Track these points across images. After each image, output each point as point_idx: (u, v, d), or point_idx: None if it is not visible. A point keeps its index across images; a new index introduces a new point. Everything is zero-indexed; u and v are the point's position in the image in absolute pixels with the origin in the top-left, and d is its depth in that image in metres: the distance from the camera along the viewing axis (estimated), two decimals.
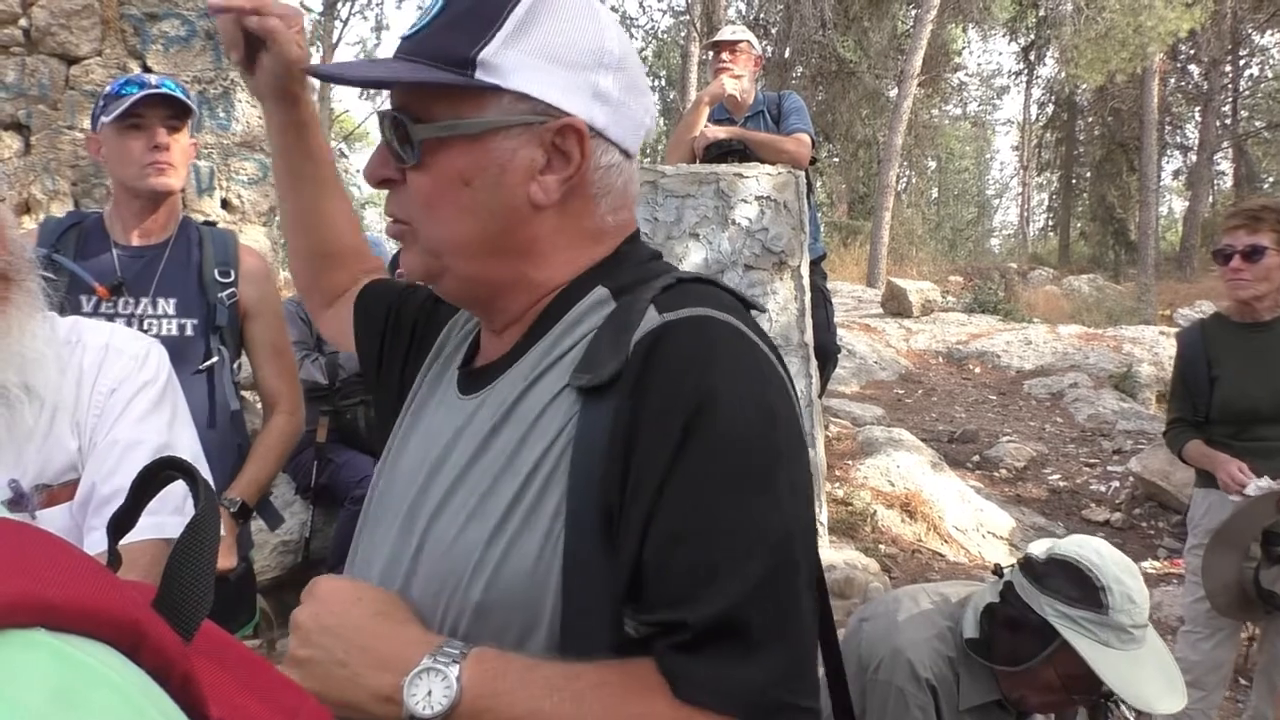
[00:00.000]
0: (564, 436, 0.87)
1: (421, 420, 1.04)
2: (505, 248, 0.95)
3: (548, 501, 0.86)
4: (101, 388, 1.46)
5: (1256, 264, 3.10)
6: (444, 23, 0.91)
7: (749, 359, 0.87)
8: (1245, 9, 21.82)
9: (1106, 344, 10.12)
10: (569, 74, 0.91)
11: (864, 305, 13.52)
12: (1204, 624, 3.23)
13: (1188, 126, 26.94)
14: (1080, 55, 17.50)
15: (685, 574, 0.81)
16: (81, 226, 2.42)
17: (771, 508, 0.83)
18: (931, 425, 7.92)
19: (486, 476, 0.90)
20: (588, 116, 0.92)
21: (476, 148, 0.91)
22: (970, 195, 38.27)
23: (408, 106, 0.92)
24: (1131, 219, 24.27)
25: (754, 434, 0.83)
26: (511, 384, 0.94)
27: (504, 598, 0.85)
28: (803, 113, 4.81)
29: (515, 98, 0.90)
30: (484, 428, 0.93)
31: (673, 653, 0.81)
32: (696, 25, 17.80)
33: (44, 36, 4.24)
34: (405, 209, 0.96)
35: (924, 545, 5.35)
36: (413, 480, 0.98)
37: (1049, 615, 1.84)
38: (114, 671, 0.39)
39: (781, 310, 4.68)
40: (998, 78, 35.13)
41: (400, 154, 0.93)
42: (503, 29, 0.90)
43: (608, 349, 0.88)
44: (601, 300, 0.94)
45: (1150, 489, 6.26)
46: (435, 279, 0.99)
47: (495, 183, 0.92)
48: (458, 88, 0.90)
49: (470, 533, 0.88)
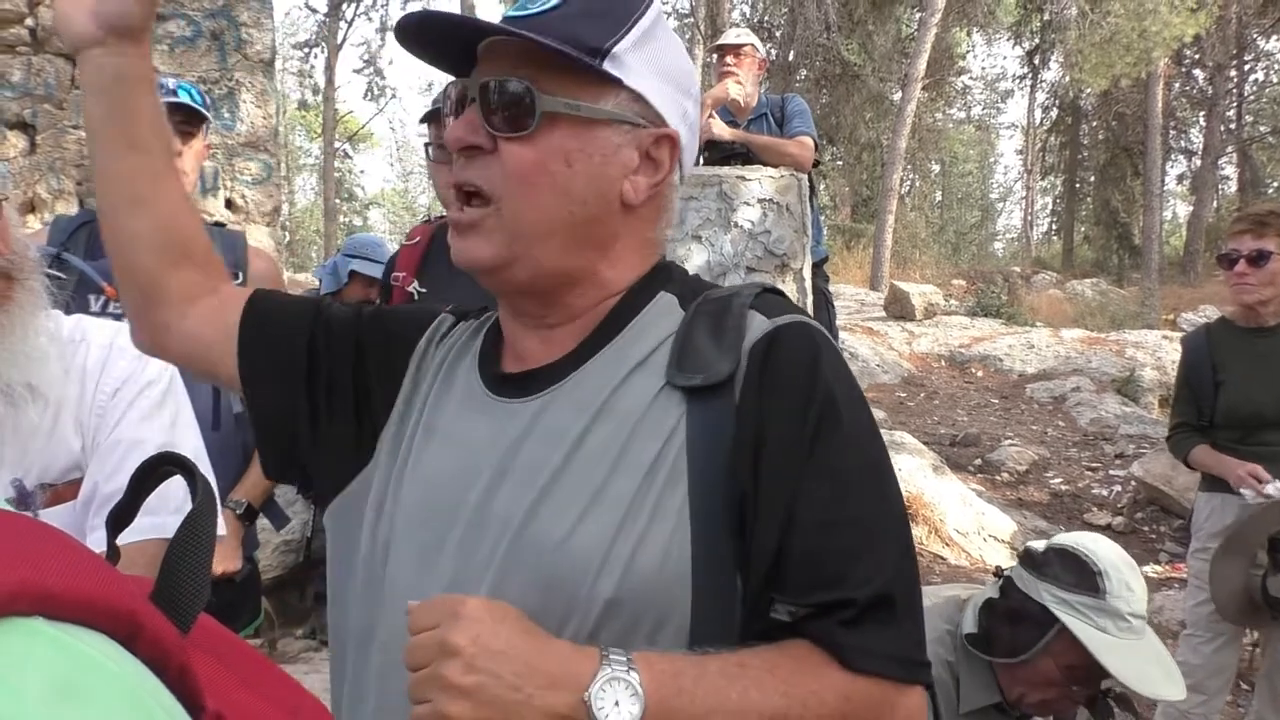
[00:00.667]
0: (678, 434, 0.90)
1: (440, 428, 1.01)
2: (588, 238, 0.97)
3: (672, 496, 0.88)
4: (105, 387, 1.46)
5: (1262, 269, 3.10)
6: (574, 11, 0.94)
7: (841, 359, 0.96)
8: (1250, 14, 21.79)
9: (1109, 348, 10.11)
10: (673, 90, 0.98)
11: (867, 308, 13.51)
12: (1206, 628, 3.23)
13: (1192, 131, 26.92)
14: (1085, 60, 17.50)
15: (841, 557, 0.87)
16: (92, 225, 2.43)
17: (896, 493, 0.93)
18: (933, 428, 7.92)
19: (594, 474, 0.90)
20: (679, 132, 0.98)
21: (586, 133, 0.94)
22: (974, 199, 38.25)
23: (529, 77, 0.93)
24: (1135, 223, 24.24)
25: (870, 429, 0.94)
26: (593, 383, 0.95)
27: (637, 592, 0.86)
28: (806, 116, 4.82)
29: (631, 97, 0.95)
30: (571, 427, 0.92)
31: (839, 628, 0.86)
32: (701, 28, 17.83)
33: (50, 36, 4.25)
34: (489, 179, 0.94)
35: (925, 548, 5.35)
36: (465, 485, 0.95)
37: (1047, 601, 1.85)
38: (111, 660, 0.39)
39: None
40: (1002, 81, 35.19)
41: (509, 121, 0.93)
42: (633, 30, 0.95)
43: (712, 350, 0.92)
44: (670, 306, 0.99)
45: (1152, 493, 6.25)
46: (505, 268, 0.96)
47: (596, 171, 0.94)
48: (585, 70, 0.93)
49: (589, 529, 0.88)
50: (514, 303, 1.02)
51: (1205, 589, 3.19)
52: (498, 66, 0.95)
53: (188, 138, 2.35)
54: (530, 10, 0.94)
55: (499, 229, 0.95)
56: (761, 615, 0.88)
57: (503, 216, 0.94)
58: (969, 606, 2.03)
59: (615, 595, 0.86)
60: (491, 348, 1.05)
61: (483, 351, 1.05)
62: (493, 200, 0.95)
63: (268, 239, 4.44)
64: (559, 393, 0.96)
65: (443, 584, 0.92)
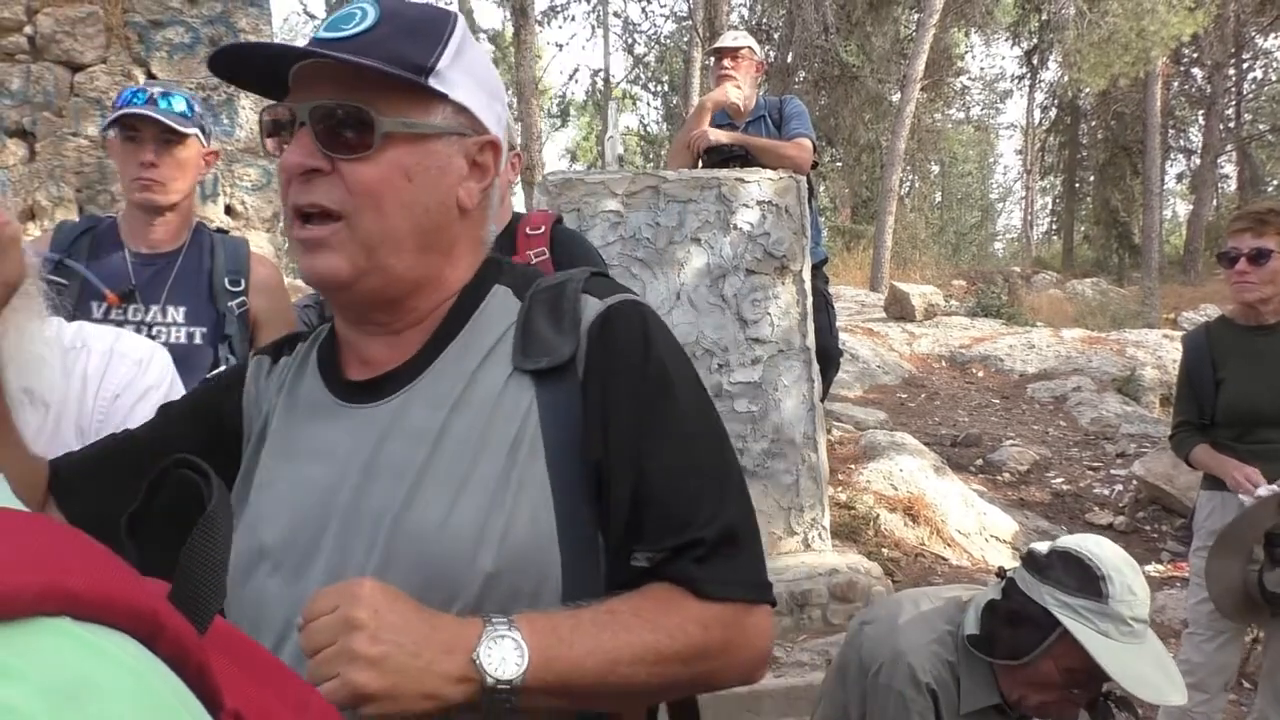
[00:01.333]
0: (532, 415, 0.99)
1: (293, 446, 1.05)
2: (434, 245, 1.03)
3: (534, 472, 0.97)
4: (105, 392, 1.47)
5: (1262, 267, 3.11)
6: (391, 32, 0.98)
7: (666, 328, 1.07)
8: (1248, 12, 21.79)
9: (1110, 348, 10.11)
10: (488, 98, 1.05)
11: (867, 309, 13.51)
12: (1207, 626, 3.23)
13: (1191, 130, 26.90)
14: (1083, 59, 17.49)
15: (687, 503, 0.98)
16: (95, 231, 2.44)
17: (724, 439, 1.06)
18: (934, 429, 7.92)
19: (459, 462, 0.97)
20: (499, 136, 1.05)
21: (421, 147, 1.00)
22: (974, 199, 38.21)
23: (361, 100, 0.97)
24: (1135, 223, 24.23)
25: (698, 386, 1.06)
26: (446, 378, 1.01)
27: (513, 562, 0.94)
28: (804, 117, 4.82)
29: (456, 109, 1.01)
30: (431, 422, 0.99)
31: (692, 566, 0.97)
32: (699, 31, 17.83)
33: (49, 44, 4.26)
34: (336, 199, 0.98)
35: (927, 549, 5.35)
36: (331, 491, 0.99)
37: (1049, 604, 1.85)
38: (136, 659, 0.40)
39: (783, 314, 4.69)
40: (1001, 82, 35.11)
41: (347, 144, 0.97)
42: (449, 46, 1.00)
43: (552, 335, 1.01)
44: (505, 297, 1.07)
45: (1154, 492, 6.25)
46: (359, 279, 1.00)
47: (434, 182, 1.00)
48: (413, 89, 0.98)
49: (463, 511, 0.95)
50: (363, 314, 1.06)
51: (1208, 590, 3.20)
52: (322, 90, 0.98)
53: (168, 147, 2.35)
54: (345, 32, 0.97)
55: (350, 242, 0.98)
56: (624, 567, 0.98)
57: (353, 231, 0.98)
58: (970, 607, 2.04)
59: (494, 568, 0.94)
60: (331, 359, 1.09)
61: (322, 365, 1.10)
62: (341, 217, 0.98)
63: (267, 245, 4.45)
64: (414, 392, 1.02)
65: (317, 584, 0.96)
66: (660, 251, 4.54)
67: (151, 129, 2.34)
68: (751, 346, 4.63)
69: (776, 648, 4.03)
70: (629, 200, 4.52)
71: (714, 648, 0.97)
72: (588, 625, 0.92)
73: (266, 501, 1.04)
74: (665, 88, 30.03)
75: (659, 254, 4.54)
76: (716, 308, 4.61)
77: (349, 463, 1.00)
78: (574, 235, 2.48)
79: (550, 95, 31.17)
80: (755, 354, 4.63)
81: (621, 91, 30.22)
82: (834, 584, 4.31)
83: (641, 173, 4.67)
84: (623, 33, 29.74)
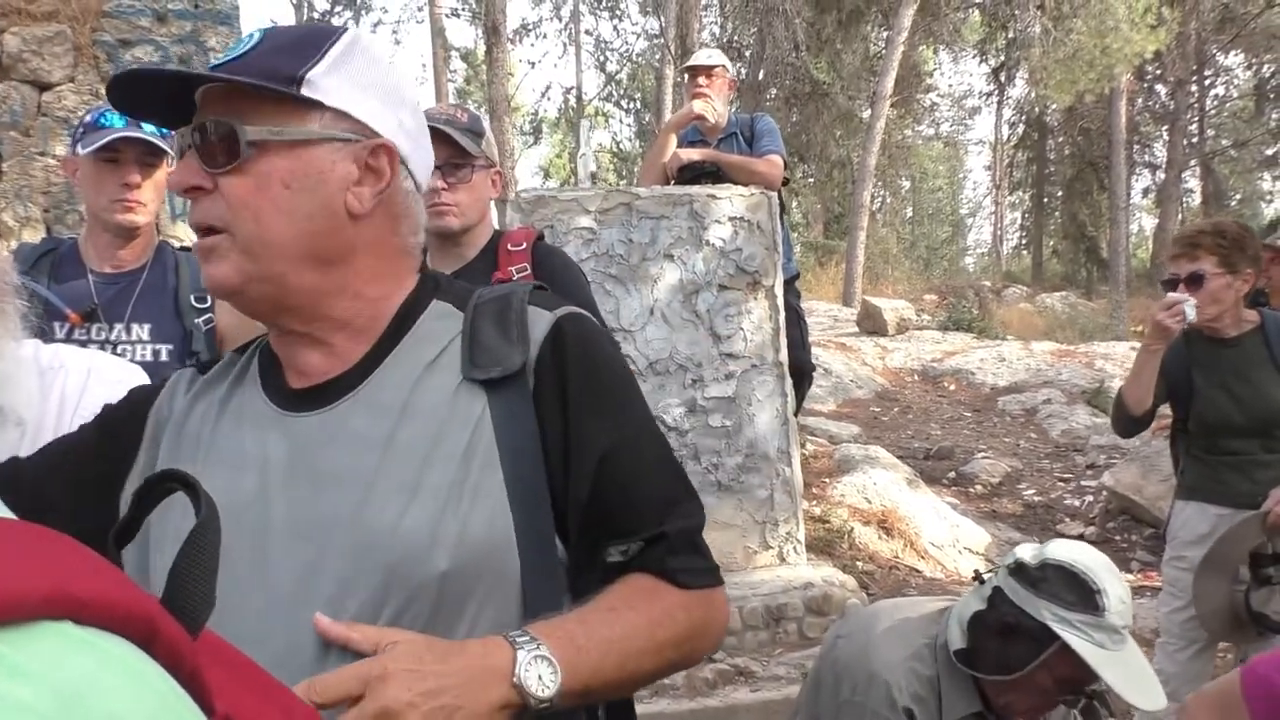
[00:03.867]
0: (485, 423, 1.02)
1: (228, 454, 1.04)
2: (324, 251, 1.03)
3: (491, 478, 1.00)
4: (84, 411, 1.47)
5: (1201, 289, 3.13)
6: (268, 49, 1.02)
7: (611, 339, 1.15)
8: (1209, 30, 22.18)
9: (1079, 360, 10.22)
10: (380, 104, 1.06)
11: (840, 324, 13.59)
12: (1180, 635, 3.25)
13: (1156, 145, 27.29)
14: (1049, 76, 17.75)
15: (652, 499, 1.07)
16: (57, 253, 2.42)
17: (665, 439, 1.13)
18: (907, 442, 7.97)
19: (410, 468, 0.99)
20: (395, 142, 1.06)
21: (297, 155, 1.01)
22: (944, 214, 38.56)
23: (232, 115, 1.00)
24: (1103, 237, 24.52)
25: (639, 393, 1.13)
26: (389, 387, 1.04)
27: (470, 563, 0.98)
28: (775, 135, 4.86)
29: (335, 116, 1.02)
30: (376, 429, 1.01)
31: (666, 556, 1.05)
32: (671, 49, 17.93)
33: (15, 63, 4.23)
34: (218, 215, 1.01)
35: (901, 561, 5.38)
36: (267, 500, 1.00)
37: (1046, 619, 1.86)
38: (136, 662, 0.42)
39: (756, 329, 4.71)
40: (969, 98, 35.46)
41: (221, 158, 0.99)
42: (326, 57, 1.03)
43: (501, 345, 1.05)
44: (446, 312, 1.10)
45: (1123, 503, 6.32)
46: (248, 285, 1.02)
47: (314, 188, 1.01)
48: (284, 99, 1.00)
49: (416, 516, 0.97)
50: (274, 321, 1.08)
51: (1179, 596, 3.22)
52: (208, 111, 1.02)
53: (150, 169, 2.35)
54: (232, 54, 1.02)
55: (234, 250, 1.01)
56: (593, 564, 1.05)
57: (235, 240, 1.01)
58: (951, 617, 2.03)
59: (450, 568, 0.97)
60: (270, 369, 1.11)
61: (262, 375, 1.11)
62: (226, 230, 1.01)
63: None
64: (356, 400, 1.04)
65: (274, 591, 0.97)
66: (633, 268, 4.56)
67: (134, 150, 2.33)
68: (725, 362, 4.65)
69: (753, 661, 4.04)
70: (602, 217, 4.53)
71: (696, 630, 1.07)
72: (597, 627, 0.98)
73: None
74: (637, 105, 30.15)
75: (632, 270, 4.56)
76: (690, 323, 4.63)
77: (290, 469, 1.01)
78: (556, 252, 2.48)
79: (523, 113, 31.22)
80: (729, 369, 4.65)
81: (594, 109, 30.33)
82: (809, 597, 4.32)
83: (614, 190, 4.69)
84: (595, 50, 29.92)
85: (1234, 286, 3.14)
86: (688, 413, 4.60)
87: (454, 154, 2.31)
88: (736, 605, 4.20)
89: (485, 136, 2.40)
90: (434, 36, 22.90)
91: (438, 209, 2.31)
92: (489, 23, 15.81)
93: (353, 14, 27.21)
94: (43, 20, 4.24)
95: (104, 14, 4.34)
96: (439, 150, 2.30)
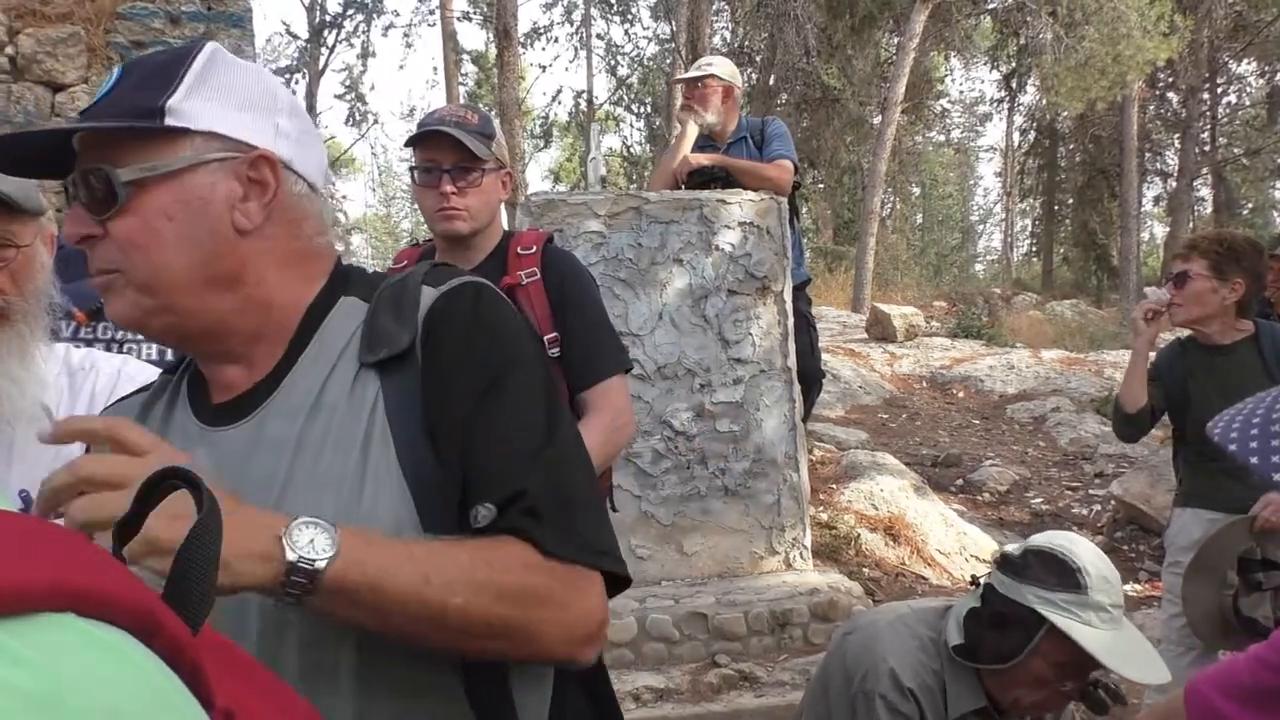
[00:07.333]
0: (379, 406, 1.01)
1: None
2: (218, 274, 1.03)
3: (386, 461, 0.99)
4: None
5: (1183, 289, 3.22)
6: (130, 85, 1.02)
7: (500, 302, 1.09)
8: (1221, 38, 22.11)
9: (1088, 368, 10.19)
10: (251, 115, 1.05)
11: (849, 330, 13.57)
12: (1178, 641, 3.27)
13: (1167, 153, 27.21)
14: (1060, 83, 17.70)
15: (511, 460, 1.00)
16: (63, 252, 2.43)
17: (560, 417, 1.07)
18: (915, 449, 7.95)
19: (318, 462, 1.00)
20: (275, 149, 1.05)
21: (175, 186, 1.00)
22: (954, 221, 38.49)
23: (105, 161, 1.00)
24: (1113, 245, 24.46)
25: (530, 357, 1.08)
26: (300, 388, 1.04)
27: None
28: (785, 139, 4.86)
29: (206, 138, 1.02)
30: (289, 432, 1.02)
31: (527, 519, 0.98)
32: (682, 53, 17.96)
33: (30, 64, 4.25)
34: (112, 258, 1.01)
35: (907, 568, 5.37)
36: None
37: (1032, 602, 1.89)
38: (137, 654, 0.43)
39: (765, 335, 4.71)
40: (980, 105, 35.49)
41: (103, 204, 0.99)
42: (184, 81, 1.01)
43: (393, 326, 1.04)
44: (352, 306, 1.09)
45: (1131, 512, 6.29)
46: (149, 319, 1.04)
47: (198, 215, 1.01)
48: (151, 134, 1.00)
49: (324, 510, 0.94)
50: (183, 347, 1.10)
51: (1177, 603, 3.24)
52: (85, 158, 1.02)
53: None
54: (99, 96, 1.03)
55: (128, 287, 1.02)
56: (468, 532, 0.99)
57: (128, 277, 1.01)
58: (950, 616, 2.06)
59: None
60: (196, 387, 1.12)
61: (190, 393, 1.12)
62: (120, 270, 1.01)
63: None
64: (271, 406, 1.05)
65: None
66: (642, 272, 4.56)
67: None
68: (733, 367, 4.65)
69: (757, 667, 4.03)
70: (611, 221, 4.54)
71: (536, 594, 0.96)
72: (406, 543, 0.94)
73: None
74: (648, 109, 30.18)
75: (641, 275, 4.56)
76: (698, 328, 4.64)
77: (215, 484, 1.00)
78: (566, 255, 2.47)
79: (533, 116, 31.28)
80: (737, 374, 4.65)
81: (604, 113, 30.36)
82: (815, 603, 4.31)
83: (624, 194, 4.70)
84: (605, 55, 29.98)
85: (1219, 292, 3.20)
86: (695, 417, 4.60)
87: (463, 158, 2.31)
88: (742, 610, 4.20)
89: (496, 138, 2.39)
90: (445, 40, 22.98)
91: (446, 213, 2.31)
92: (500, 26, 15.86)
93: (364, 17, 27.29)
94: (57, 22, 4.27)
95: (117, 16, 4.36)
96: (448, 154, 2.32)
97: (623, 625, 4.04)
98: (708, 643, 4.15)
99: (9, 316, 1.50)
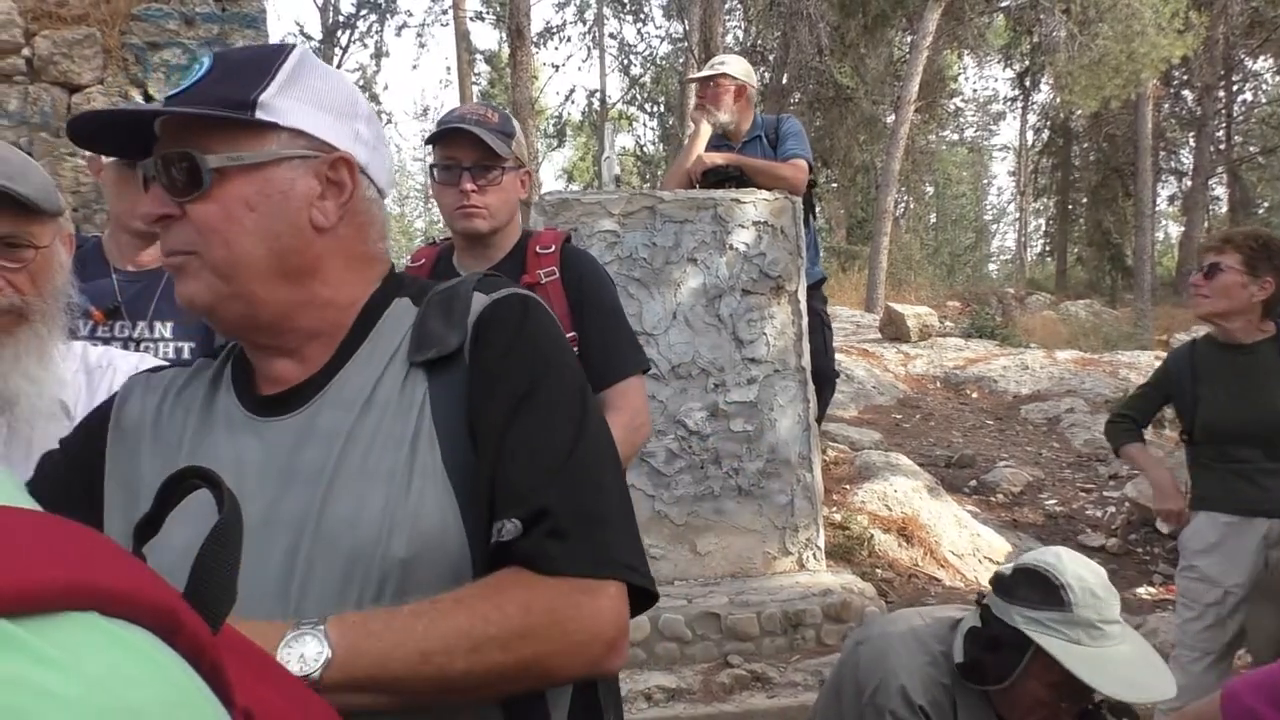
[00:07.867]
0: (426, 406, 1.04)
1: (204, 457, 1.06)
2: (294, 268, 1.06)
3: (432, 460, 1.01)
4: None
5: (1212, 280, 3.18)
6: (218, 77, 1.05)
7: (547, 316, 1.11)
8: (1237, 35, 21.97)
9: (1103, 369, 10.14)
10: (334, 118, 1.09)
11: (862, 330, 13.54)
12: (1193, 646, 3.24)
13: (1182, 152, 27.07)
14: (1075, 81, 17.61)
15: (537, 476, 0.99)
16: (81, 251, 2.44)
17: (599, 428, 1.07)
18: (929, 450, 7.92)
19: (365, 456, 1.02)
20: (353, 153, 1.09)
21: (259, 177, 1.04)
22: (968, 220, 38.33)
23: (192, 146, 1.02)
24: (1128, 244, 24.34)
25: (571, 371, 1.09)
26: (353, 384, 1.07)
27: (425, 549, 0.98)
28: (800, 137, 4.84)
29: (292, 135, 1.05)
30: (340, 425, 1.04)
31: (545, 540, 0.97)
32: (695, 52, 17.95)
33: (46, 65, 4.28)
34: (187, 240, 1.04)
35: (921, 570, 5.35)
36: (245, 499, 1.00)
37: (1019, 623, 1.87)
38: (159, 653, 0.43)
39: (779, 334, 4.70)
40: (994, 104, 35.35)
41: (186, 187, 1.02)
42: (276, 78, 1.05)
43: (443, 329, 1.07)
44: (405, 308, 1.12)
45: (1146, 514, 6.25)
46: (222, 304, 1.05)
47: (279, 207, 1.04)
48: (240, 125, 1.03)
49: (371, 505, 0.98)
50: (245, 337, 1.11)
51: (1192, 607, 3.22)
52: (167, 143, 1.04)
53: None
54: (183, 85, 1.05)
55: (204, 270, 1.04)
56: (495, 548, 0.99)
57: (205, 261, 1.04)
58: (958, 632, 2.04)
59: (407, 554, 0.97)
60: (242, 376, 1.14)
61: (235, 381, 1.14)
62: (195, 252, 1.04)
63: None
64: (323, 400, 1.07)
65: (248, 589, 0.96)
66: (657, 271, 4.56)
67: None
68: (747, 366, 4.65)
69: (770, 668, 4.03)
70: (625, 220, 4.54)
71: (536, 629, 0.94)
72: (404, 617, 0.92)
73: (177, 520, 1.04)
74: (661, 108, 30.18)
75: (655, 274, 4.56)
76: (712, 327, 4.63)
77: (262, 472, 1.04)
78: (584, 255, 2.47)
79: (547, 116, 31.31)
80: (751, 374, 4.65)
81: (618, 112, 30.38)
82: (828, 604, 4.30)
83: (638, 193, 4.70)
84: (619, 54, 29.99)
85: (1249, 289, 3.17)
86: (709, 417, 4.59)
87: (483, 156, 2.31)
88: (755, 610, 4.20)
89: (515, 137, 2.39)
90: (458, 40, 23.01)
91: (466, 211, 2.31)
92: (513, 26, 15.88)
93: (377, 18, 27.36)
94: (73, 23, 4.29)
95: (133, 17, 4.38)
96: (468, 152, 2.32)
97: (635, 625, 4.02)
98: (720, 643, 4.15)
99: (28, 317, 1.51)
